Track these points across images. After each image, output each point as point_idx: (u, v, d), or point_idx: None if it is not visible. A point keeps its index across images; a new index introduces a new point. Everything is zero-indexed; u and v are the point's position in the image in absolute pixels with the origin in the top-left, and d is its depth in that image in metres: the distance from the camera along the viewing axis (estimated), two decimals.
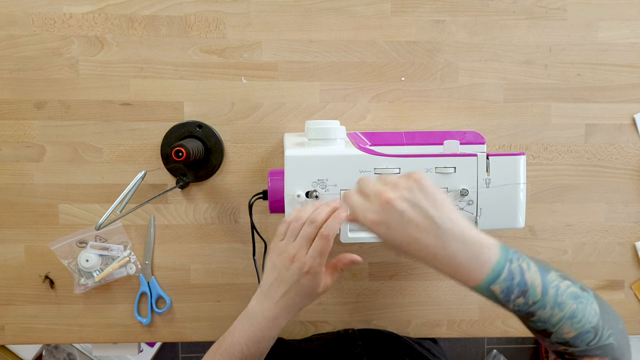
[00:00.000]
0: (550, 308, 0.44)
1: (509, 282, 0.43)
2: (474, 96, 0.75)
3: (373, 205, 0.45)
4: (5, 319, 0.75)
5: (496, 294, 0.44)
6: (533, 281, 0.44)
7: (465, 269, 0.43)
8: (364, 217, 0.45)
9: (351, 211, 0.47)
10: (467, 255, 0.43)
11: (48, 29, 0.71)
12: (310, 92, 0.73)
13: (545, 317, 0.44)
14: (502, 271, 0.43)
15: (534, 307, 0.44)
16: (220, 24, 0.72)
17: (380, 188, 0.45)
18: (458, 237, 0.43)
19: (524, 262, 0.44)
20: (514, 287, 0.43)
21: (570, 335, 0.44)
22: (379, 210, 0.44)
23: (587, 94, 0.75)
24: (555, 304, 0.44)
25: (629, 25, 0.74)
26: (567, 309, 0.44)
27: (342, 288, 0.77)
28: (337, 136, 0.62)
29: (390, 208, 0.43)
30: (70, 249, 0.74)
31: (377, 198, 0.44)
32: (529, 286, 0.44)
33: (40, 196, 0.73)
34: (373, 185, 0.46)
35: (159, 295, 0.75)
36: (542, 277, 0.44)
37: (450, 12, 0.73)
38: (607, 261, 0.78)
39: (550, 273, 0.45)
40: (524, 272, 0.44)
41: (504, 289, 0.43)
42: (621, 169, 0.77)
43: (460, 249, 0.43)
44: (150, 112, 0.73)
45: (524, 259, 0.45)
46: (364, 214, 0.45)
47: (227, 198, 0.74)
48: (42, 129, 0.72)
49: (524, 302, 0.43)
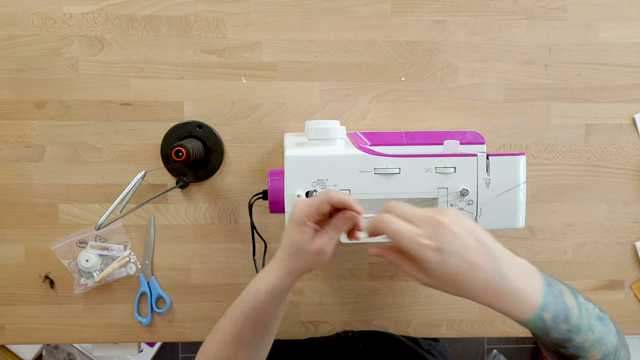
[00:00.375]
0: (584, 332, 0.42)
1: (556, 305, 0.41)
2: (474, 96, 0.75)
3: (424, 230, 0.40)
4: (5, 319, 0.75)
5: (547, 321, 0.41)
6: (572, 304, 0.42)
7: (522, 295, 0.40)
8: (416, 242, 0.39)
9: (394, 237, 0.41)
10: (521, 280, 0.40)
11: (48, 29, 0.71)
12: (310, 92, 0.73)
13: (579, 342, 0.42)
14: (549, 294, 0.41)
15: (572, 332, 0.42)
16: (220, 24, 0.72)
17: (428, 212, 0.40)
18: (509, 259, 0.40)
19: (559, 285, 0.43)
20: (560, 312, 0.41)
21: (596, 358, 0.43)
22: (433, 235, 0.39)
23: (587, 94, 0.75)
24: (588, 328, 0.42)
25: (629, 25, 0.74)
26: (596, 331, 0.42)
27: (342, 288, 0.77)
28: (337, 136, 0.62)
29: (445, 231, 0.39)
30: (70, 249, 0.74)
31: (427, 221, 0.40)
32: (569, 308, 0.42)
33: (40, 196, 0.73)
34: (414, 210, 0.41)
35: (159, 295, 0.75)
36: (576, 300, 0.43)
37: (450, 12, 0.73)
38: (607, 261, 0.78)
39: (578, 295, 0.43)
40: (564, 295, 0.42)
41: (553, 315, 0.41)
42: (621, 169, 0.77)
43: (513, 274, 0.40)
44: (150, 112, 0.73)
45: (558, 282, 0.43)
46: (415, 239, 0.39)
47: (227, 198, 0.74)
48: (42, 129, 0.72)
49: (567, 328, 0.41)
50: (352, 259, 0.77)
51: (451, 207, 0.44)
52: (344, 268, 0.77)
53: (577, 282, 0.78)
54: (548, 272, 0.77)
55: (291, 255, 0.48)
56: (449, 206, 0.62)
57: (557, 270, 0.78)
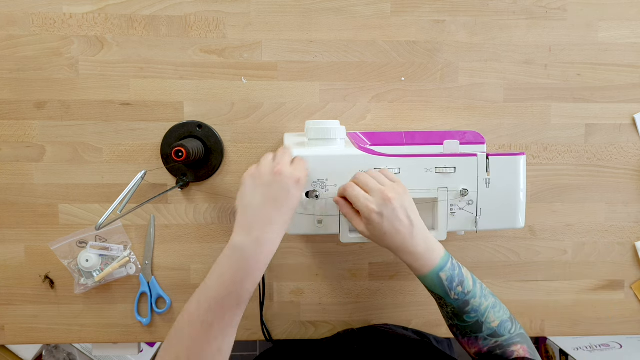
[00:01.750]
0: (479, 297, 0.56)
1: (452, 271, 0.56)
2: (474, 96, 0.75)
3: (375, 199, 0.54)
4: (5, 319, 0.75)
5: (443, 280, 0.55)
6: (467, 275, 0.57)
7: (423, 257, 0.55)
8: (366, 205, 0.54)
9: (352, 200, 0.56)
10: (425, 248, 0.55)
11: (48, 29, 0.71)
12: (310, 92, 0.73)
13: (476, 306, 0.56)
14: (447, 262, 0.56)
15: (468, 295, 0.55)
16: (220, 24, 0.72)
17: (382, 187, 0.55)
18: (422, 235, 0.56)
19: (461, 266, 0.57)
20: (455, 277, 0.56)
21: (495, 324, 0.56)
22: (380, 204, 0.54)
23: (587, 94, 0.75)
24: (482, 295, 0.56)
25: (629, 25, 0.74)
26: (490, 299, 0.57)
27: (342, 288, 0.77)
28: (337, 136, 0.62)
29: (389, 204, 0.54)
30: (70, 249, 0.74)
31: (379, 193, 0.54)
32: (464, 278, 0.56)
33: (40, 196, 0.73)
34: (374, 183, 0.56)
35: (159, 295, 0.75)
36: (471, 274, 0.58)
37: (450, 12, 0.73)
38: (607, 261, 0.78)
39: (475, 277, 0.58)
40: (461, 267, 0.57)
41: (448, 277, 0.55)
42: (621, 169, 0.77)
43: (421, 244, 0.55)
44: (150, 112, 0.73)
45: (461, 265, 0.58)
46: (366, 203, 0.54)
47: (227, 198, 0.74)
48: (42, 129, 0.72)
49: (462, 290, 0.55)
50: (352, 259, 0.77)
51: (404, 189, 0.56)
52: (344, 268, 0.77)
53: (577, 282, 0.78)
54: (548, 272, 0.77)
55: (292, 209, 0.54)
56: (450, 207, 0.62)
57: (557, 271, 0.78)
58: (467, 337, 0.57)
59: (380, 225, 0.54)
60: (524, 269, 0.78)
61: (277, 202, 0.52)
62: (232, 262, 0.51)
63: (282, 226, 0.53)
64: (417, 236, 0.55)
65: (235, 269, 0.51)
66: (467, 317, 0.56)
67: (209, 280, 0.52)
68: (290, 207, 0.53)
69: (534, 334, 0.79)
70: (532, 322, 0.79)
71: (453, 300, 0.56)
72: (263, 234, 0.51)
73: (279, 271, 0.76)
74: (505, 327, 0.56)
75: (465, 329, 0.57)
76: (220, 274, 0.51)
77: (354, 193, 0.55)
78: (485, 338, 0.56)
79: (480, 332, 0.56)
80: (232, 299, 0.50)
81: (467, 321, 0.56)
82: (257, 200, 0.53)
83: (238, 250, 0.51)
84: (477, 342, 0.57)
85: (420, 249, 0.55)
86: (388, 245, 0.56)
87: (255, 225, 0.52)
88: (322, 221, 0.61)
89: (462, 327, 0.57)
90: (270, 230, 0.52)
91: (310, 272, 0.76)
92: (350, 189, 0.56)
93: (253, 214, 0.52)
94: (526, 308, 0.78)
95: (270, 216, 0.52)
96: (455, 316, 0.57)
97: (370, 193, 0.55)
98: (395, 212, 0.54)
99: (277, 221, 0.52)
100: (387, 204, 0.53)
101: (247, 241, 0.51)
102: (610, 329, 0.79)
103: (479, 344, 0.57)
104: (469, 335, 0.57)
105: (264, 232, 0.51)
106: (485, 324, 0.56)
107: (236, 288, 0.50)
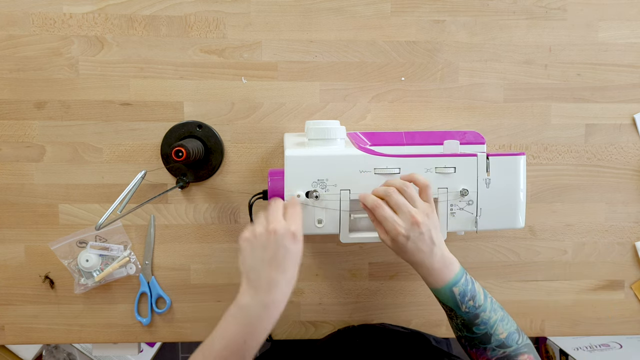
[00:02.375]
0: (489, 311, 0.57)
1: (465, 286, 0.57)
2: (474, 96, 0.75)
3: (404, 223, 0.55)
4: (5, 319, 0.75)
5: (455, 294, 0.57)
6: (479, 290, 0.58)
7: (439, 273, 0.57)
8: (394, 228, 0.55)
9: (381, 220, 0.56)
10: (442, 264, 0.57)
11: (48, 29, 0.71)
12: (310, 92, 0.73)
13: (486, 319, 0.57)
14: (461, 278, 0.57)
15: (479, 309, 0.57)
16: (220, 24, 0.72)
17: (412, 210, 0.56)
18: (440, 252, 0.57)
19: (474, 281, 0.59)
20: (468, 291, 0.57)
21: (503, 335, 0.57)
22: (408, 228, 0.55)
23: (587, 94, 0.75)
24: (492, 309, 0.58)
25: (629, 25, 0.74)
26: (498, 313, 0.58)
27: (342, 288, 0.77)
28: (337, 136, 0.62)
29: (416, 228, 0.55)
30: (70, 249, 0.74)
31: (409, 217, 0.55)
32: (476, 292, 0.58)
33: (40, 196, 0.73)
34: (404, 203, 0.56)
35: (159, 295, 0.75)
36: (483, 289, 0.59)
37: (450, 12, 0.73)
38: (607, 261, 0.78)
39: (486, 292, 0.60)
40: (474, 282, 0.59)
41: (461, 291, 0.57)
42: (621, 169, 0.77)
43: (439, 260, 0.57)
44: (150, 112, 0.73)
45: (475, 281, 0.59)
46: (394, 226, 0.55)
47: (227, 198, 0.74)
48: (42, 129, 0.72)
49: (473, 304, 0.57)
50: (352, 259, 0.77)
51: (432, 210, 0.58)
52: (344, 268, 0.77)
53: (577, 282, 0.78)
54: (548, 272, 0.78)
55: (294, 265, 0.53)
56: (450, 207, 0.62)
57: (557, 271, 0.78)
58: (475, 348, 0.58)
59: (404, 246, 0.56)
60: (524, 269, 0.78)
61: (277, 262, 0.51)
62: (237, 322, 0.51)
63: (287, 284, 0.52)
64: (437, 254, 0.57)
65: (241, 329, 0.51)
66: (477, 329, 0.57)
67: (214, 336, 0.52)
68: (291, 264, 0.52)
69: (534, 334, 0.79)
70: (532, 322, 0.79)
71: (463, 313, 0.57)
72: (268, 296, 0.51)
73: None
74: (513, 338, 0.57)
75: (474, 340, 0.58)
76: (225, 332, 0.52)
77: (383, 215, 0.56)
78: (494, 349, 0.57)
79: (489, 343, 0.57)
80: (236, 357, 0.51)
81: (476, 333, 0.57)
82: (257, 264, 0.52)
83: (244, 310, 0.51)
84: (485, 352, 0.58)
85: (437, 265, 0.57)
86: (407, 259, 0.58)
87: (259, 288, 0.51)
88: (322, 221, 0.61)
89: (470, 338, 0.58)
90: (275, 291, 0.51)
91: (310, 272, 0.76)
92: (380, 210, 0.56)
93: (256, 277, 0.52)
94: (526, 308, 0.78)
95: (273, 278, 0.51)
96: (464, 327, 0.58)
97: (399, 214, 0.56)
98: (422, 235, 0.55)
99: (281, 281, 0.51)
100: (415, 227, 0.55)
101: (253, 303, 0.51)
102: (610, 329, 0.79)
103: (487, 354, 0.58)
104: (477, 347, 0.58)
105: (269, 294, 0.51)
106: (493, 335, 0.57)
107: (239, 347, 0.50)
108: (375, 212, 0.56)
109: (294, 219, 0.54)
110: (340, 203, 0.61)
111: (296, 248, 0.52)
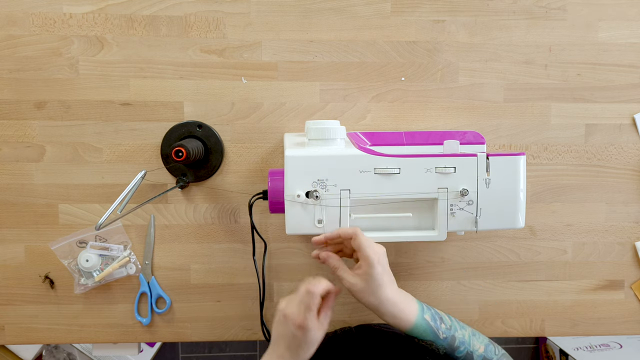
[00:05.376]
0: (459, 329, 0.58)
1: (429, 311, 0.58)
2: (474, 96, 0.75)
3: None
4: (5, 319, 0.75)
5: (429, 321, 0.57)
6: (441, 312, 0.59)
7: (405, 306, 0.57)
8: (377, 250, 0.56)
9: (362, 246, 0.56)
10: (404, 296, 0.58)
11: (48, 29, 0.71)
12: (310, 92, 0.73)
13: (461, 338, 0.58)
14: (422, 305, 0.58)
15: (452, 330, 0.58)
16: (220, 24, 0.72)
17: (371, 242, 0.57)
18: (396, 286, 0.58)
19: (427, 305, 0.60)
20: (434, 314, 0.58)
21: (481, 349, 0.58)
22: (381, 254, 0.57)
23: (587, 94, 0.75)
24: (460, 326, 0.59)
25: (629, 25, 0.74)
26: (467, 328, 0.59)
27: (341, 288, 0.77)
28: (337, 136, 0.62)
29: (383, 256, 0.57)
30: (70, 249, 0.74)
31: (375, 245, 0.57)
32: (439, 313, 0.59)
33: (40, 196, 0.73)
34: None
35: (159, 295, 0.75)
36: (441, 312, 0.60)
37: (450, 12, 0.73)
38: (607, 261, 0.78)
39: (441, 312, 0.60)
40: (432, 308, 0.59)
41: (432, 317, 0.58)
42: (621, 169, 0.77)
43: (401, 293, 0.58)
44: (150, 112, 0.73)
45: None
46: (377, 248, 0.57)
47: (227, 198, 0.74)
48: (42, 129, 0.72)
49: (445, 327, 0.57)
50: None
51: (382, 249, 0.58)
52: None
53: (577, 282, 0.78)
54: (548, 272, 0.78)
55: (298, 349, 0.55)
56: (449, 207, 0.62)
57: (557, 271, 0.78)
58: None
59: (381, 276, 0.56)
60: (524, 269, 0.78)
61: (300, 350, 0.55)
62: None
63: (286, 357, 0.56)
64: (395, 287, 0.58)
65: None
66: (458, 353, 0.58)
67: None
68: (311, 351, 0.56)
69: (534, 334, 0.79)
70: (532, 322, 0.79)
71: (442, 340, 0.57)
72: None
73: (279, 271, 0.76)
74: (490, 350, 0.58)
75: None
76: None
77: (363, 239, 0.57)
78: None
79: None
80: None
81: (459, 357, 0.58)
82: (284, 340, 0.55)
83: None
84: None
85: (401, 297, 0.58)
86: (378, 297, 0.56)
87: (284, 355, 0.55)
88: (322, 221, 0.61)
89: None
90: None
91: (310, 272, 0.76)
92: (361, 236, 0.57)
93: (277, 346, 0.56)
94: (526, 308, 0.78)
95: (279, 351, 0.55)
96: (447, 358, 0.58)
97: None
98: (387, 264, 0.57)
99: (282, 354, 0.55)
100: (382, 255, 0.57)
101: None
102: (610, 329, 0.79)
103: None
104: None
105: None
106: (474, 352, 0.58)
107: None
108: (357, 239, 0.58)
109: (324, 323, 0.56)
110: (340, 203, 0.61)
111: (318, 342, 0.55)
